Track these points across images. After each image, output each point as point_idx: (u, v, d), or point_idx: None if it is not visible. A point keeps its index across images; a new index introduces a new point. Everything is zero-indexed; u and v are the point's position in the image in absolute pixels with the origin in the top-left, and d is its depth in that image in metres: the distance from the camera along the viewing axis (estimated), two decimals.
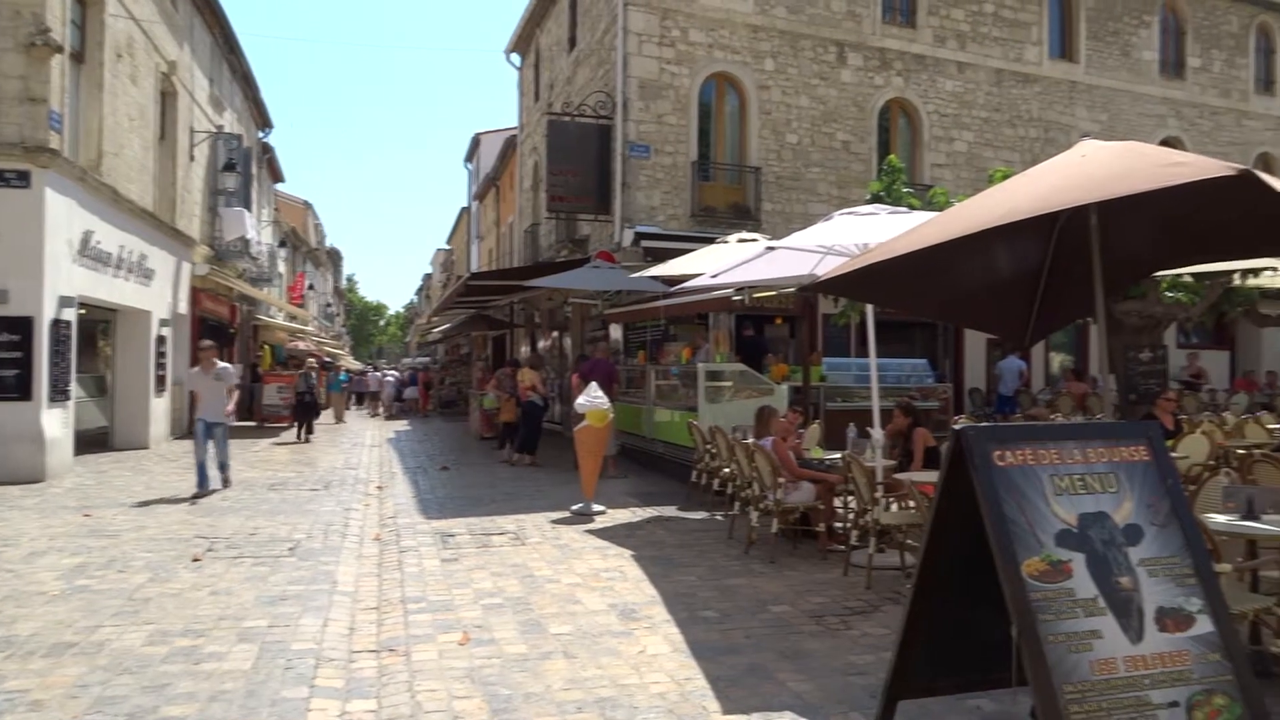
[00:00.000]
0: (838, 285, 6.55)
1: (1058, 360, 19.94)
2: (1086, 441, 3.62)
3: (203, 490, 10.52)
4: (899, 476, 6.95)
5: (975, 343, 18.12)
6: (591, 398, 9.66)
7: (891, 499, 6.97)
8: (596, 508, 9.59)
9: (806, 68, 17.52)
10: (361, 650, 5.25)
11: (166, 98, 17.19)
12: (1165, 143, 20.20)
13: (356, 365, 49.68)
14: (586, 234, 19.02)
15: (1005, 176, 9.69)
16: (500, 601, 6.20)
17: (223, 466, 11.00)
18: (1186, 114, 21.36)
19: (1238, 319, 14.72)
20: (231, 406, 11.02)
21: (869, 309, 7.94)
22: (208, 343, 11.66)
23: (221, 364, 11.11)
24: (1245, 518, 4.84)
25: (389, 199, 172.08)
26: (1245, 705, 3.20)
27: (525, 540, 8.28)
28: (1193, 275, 9.81)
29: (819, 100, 17.64)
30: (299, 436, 18.54)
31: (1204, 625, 3.32)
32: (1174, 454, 8.27)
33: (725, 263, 9.01)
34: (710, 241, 12.60)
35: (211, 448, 10.74)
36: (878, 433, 7.62)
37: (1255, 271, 9.06)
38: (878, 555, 6.68)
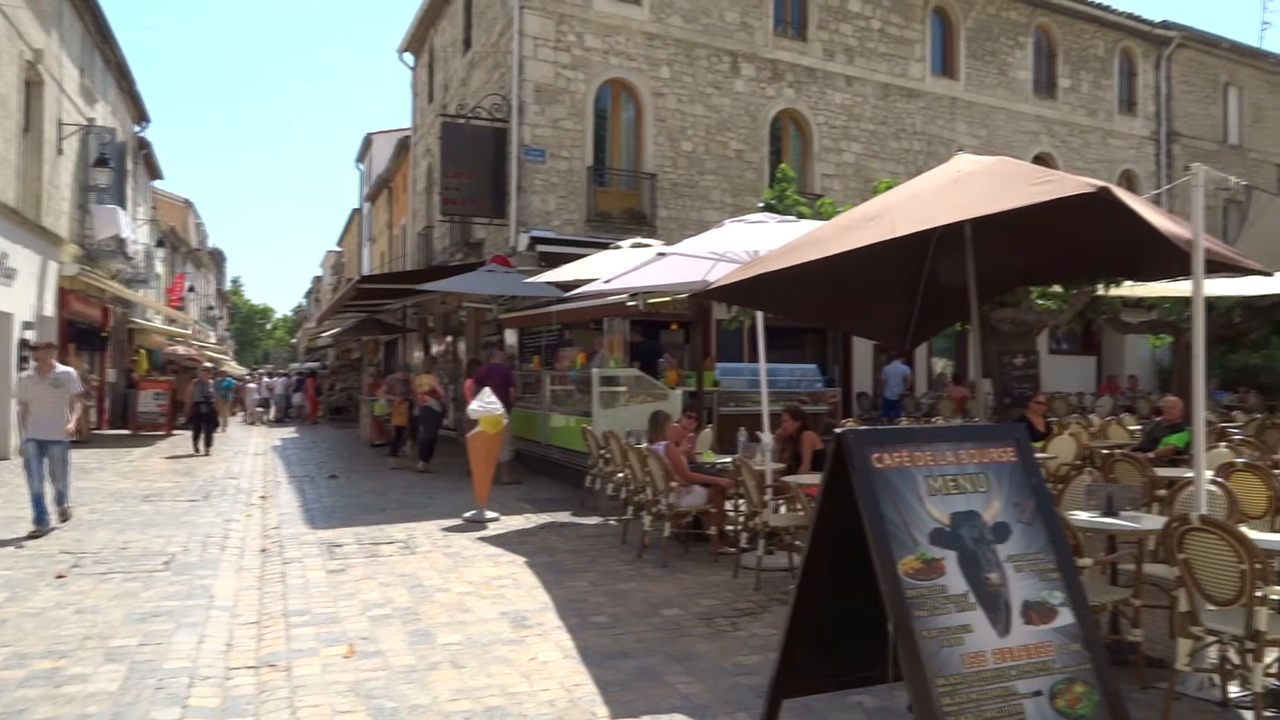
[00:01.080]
0: (728, 293, 6.67)
1: (940, 365, 20.73)
2: (958, 444, 3.77)
3: (41, 528, 8.48)
4: (787, 479, 7.10)
5: (863, 348, 18.67)
6: (485, 403, 9.55)
7: (780, 501, 7.11)
8: (489, 515, 9.49)
9: (701, 76, 17.76)
10: (239, 667, 5.06)
11: (31, 87, 16.22)
12: (1038, 158, 21.29)
13: (240, 370, 47.89)
14: (482, 238, 18.82)
15: (889, 188, 10.03)
16: (388, 612, 6.06)
17: (60, 497, 8.88)
18: (1058, 131, 22.53)
19: (1103, 326, 15.58)
20: (72, 424, 8.77)
21: (759, 315, 8.09)
22: (44, 342, 9.78)
23: (62, 368, 8.93)
24: (1105, 514, 5.12)
25: (277, 199, 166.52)
26: (1102, 692, 3.39)
27: (415, 549, 8.12)
28: (1061, 284, 10.35)
29: (713, 109, 17.91)
30: (196, 449, 17.13)
31: (1066, 617, 3.50)
32: (1044, 454, 8.71)
33: (620, 268, 9.04)
34: (606, 247, 12.63)
35: (48, 471, 8.66)
36: (767, 437, 7.77)
37: (1117, 282, 9.62)
38: (767, 557, 6.81)
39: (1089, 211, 4.94)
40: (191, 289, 39.37)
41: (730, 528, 8.01)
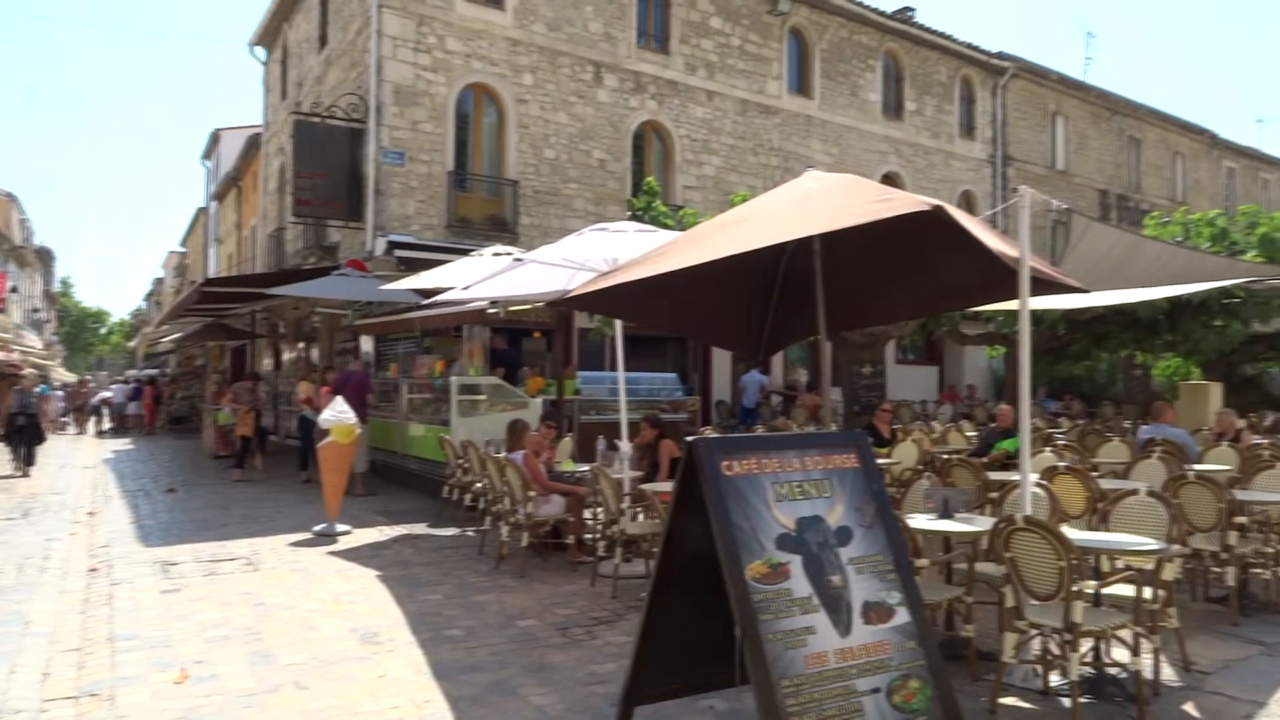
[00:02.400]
0: (584, 302, 6.69)
1: (796, 374, 21.38)
2: (804, 451, 3.89)
3: None
4: (644, 487, 7.15)
5: (722, 357, 19.07)
6: (336, 412, 9.22)
7: (638, 509, 7.16)
8: (341, 528, 9.16)
9: (565, 85, 17.77)
10: (57, 698, 4.68)
11: None
12: (886, 177, 22.32)
13: (70, 377, 44.63)
14: (336, 241, 18.20)
15: (745, 200, 10.30)
16: (226, 633, 5.75)
17: None
18: (905, 152, 23.68)
19: (943, 338, 16.47)
20: None
21: (618, 324, 8.13)
22: None
23: None
24: (941, 517, 5.38)
25: (115, 196, 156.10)
26: (935, 686, 3.55)
27: (260, 565, 7.75)
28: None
29: (577, 118, 17.94)
30: (17, 466, 15.46)
31: (902, 616, 3.65)
32: (889, 460, 9.11)
33: (480, 275, 8.91)
34: (467, 253, 12.44)
35: None
36: (626, 445, 7.82)
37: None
38: (624, 565, 6.84)
39: (930, 236, 5.20)
40: (14, 289, 36.43)
41: (589, 536, 8.00)
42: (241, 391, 14.96)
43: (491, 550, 8.01)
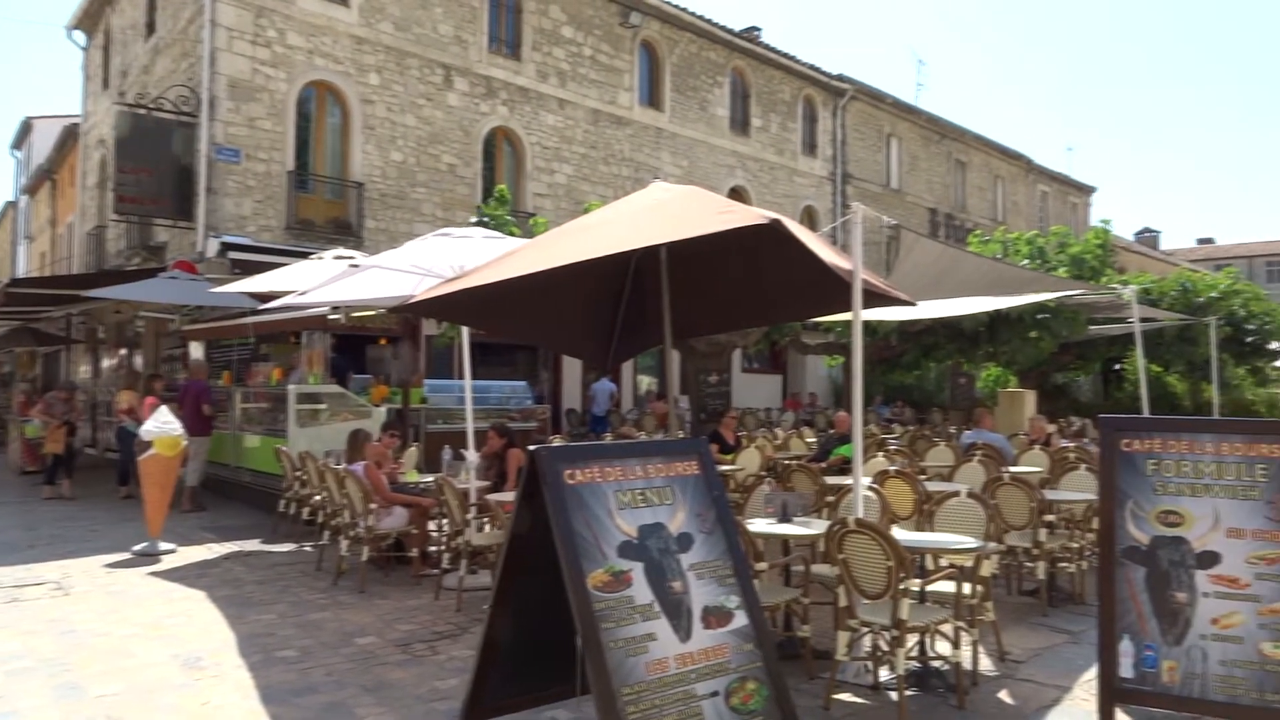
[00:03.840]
0: (433, 308, 6.55)
1: (645, 383, 21.65)
2: (647, 458, 3.92)
3: None
4: (490, 498, 7.05)
5: (573, 366, 19.08)
6: (160, 423, 8.66)
7: (484, 520, 7.05)
8: (164, 546, 8.59)
9: (413, 87, 17.38)
10: None
11: None
12: (733, 191, 22.96)
13: None
14: (164, 241, 17.12)
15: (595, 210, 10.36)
16: (29, 665, 5.28)
17: None
18: (751, 167, 24.42)
19: (786, 347, 17.05)
20: None
21: (465, 331, 8.00)
22: None
23: None
24: (781, 521, 5.55)
25: None
26: (772, 686, 3.65)
27: (71, 590, 7.16)
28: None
29: (425, 121, 17.57)
30: None
31: (740, 620, 3.73)
32: (734, 466, 9.33)
33: (319, 279, 8.57)
34: (307, 256, 11.94)
35: None
36: (472, 454, 7.68)
37: None
38: (470, 577, 6.71)
39: (771, 249, 5.37)
40: None
41: (433, 549, 7.81)
42: (54, 402, 13.80)
43: (330, 566, 7.70)
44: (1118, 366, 21.00)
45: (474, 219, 13.24)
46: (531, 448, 3.67)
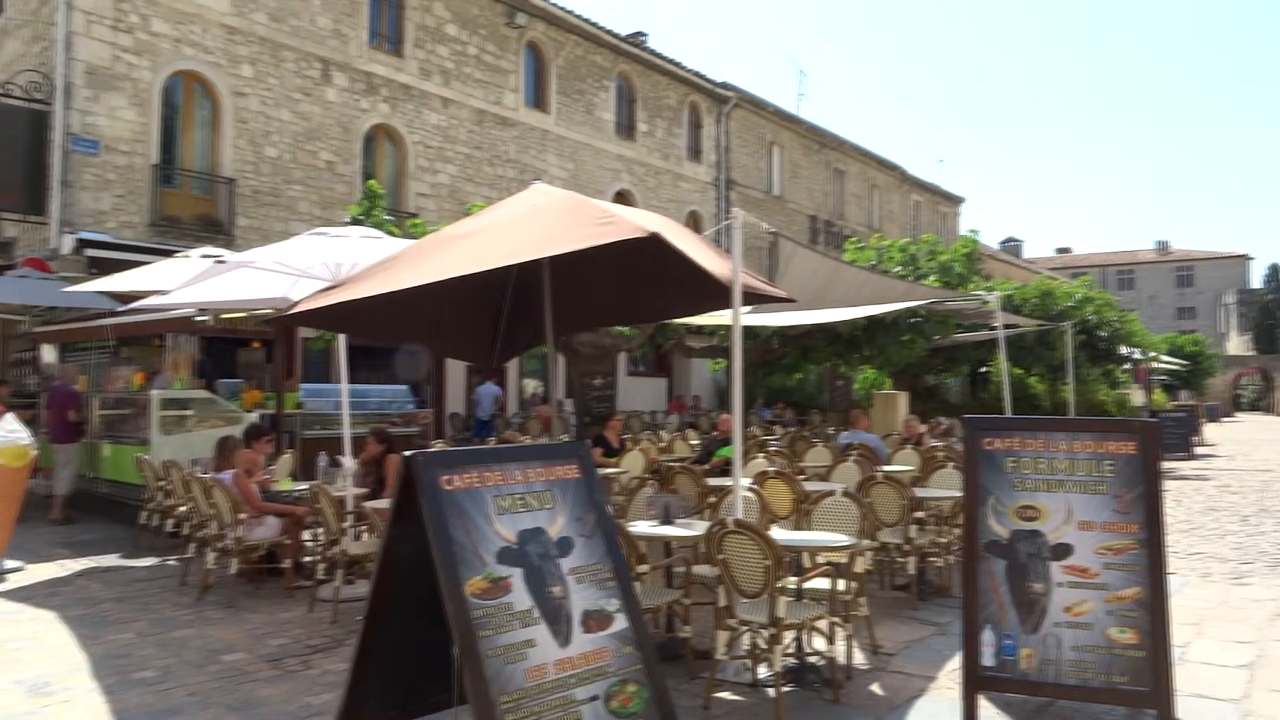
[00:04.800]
0: (310, 319, 6.34)
1: (531, 386, 21.51)
2: (527, 463, 3.88)
3: None
4: (367, 505, 6.86)
5: (456, 369, 18.78)
6: (6, 432, 8.08)
7: (362, 528, 6.85)
8: (10, 565, 8.01)
9: (289, 80, 16.79)
10: None
11: None
12: (619, 194, 23.07)
13: None
14: (13, 236, 16.00)
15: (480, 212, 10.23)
16: None
17: None
18: (636, 171, 24.59)
19: (671, 350, 17.22)
20: None
21: (341, 336, 7.77)
22: None
23: None
24: (663, 522, 5.59)
25: None
26: (651, 688, 3.66)
27: None
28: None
29: (302, 116, 17.01)
30: None
31: (620, 623, 3.73)
32: (618, 469, 9.35)
33: (184, 279, 8.18)
34: (172, 254, 11.38)
35: None
36: (349, 461, 7.46)
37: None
38: (346, 587, 6.51)
39: (653, 252, 5.40)
40: None
41: (307, 559, 7.54)
42: None
43: (195, 580, 7.34)
44: (984, 369, 22.06)
45: (347, 219, 12.88)
46: (407, 453, 3.58)
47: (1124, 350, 21.16)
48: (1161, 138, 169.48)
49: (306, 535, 7.66)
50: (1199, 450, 23.20)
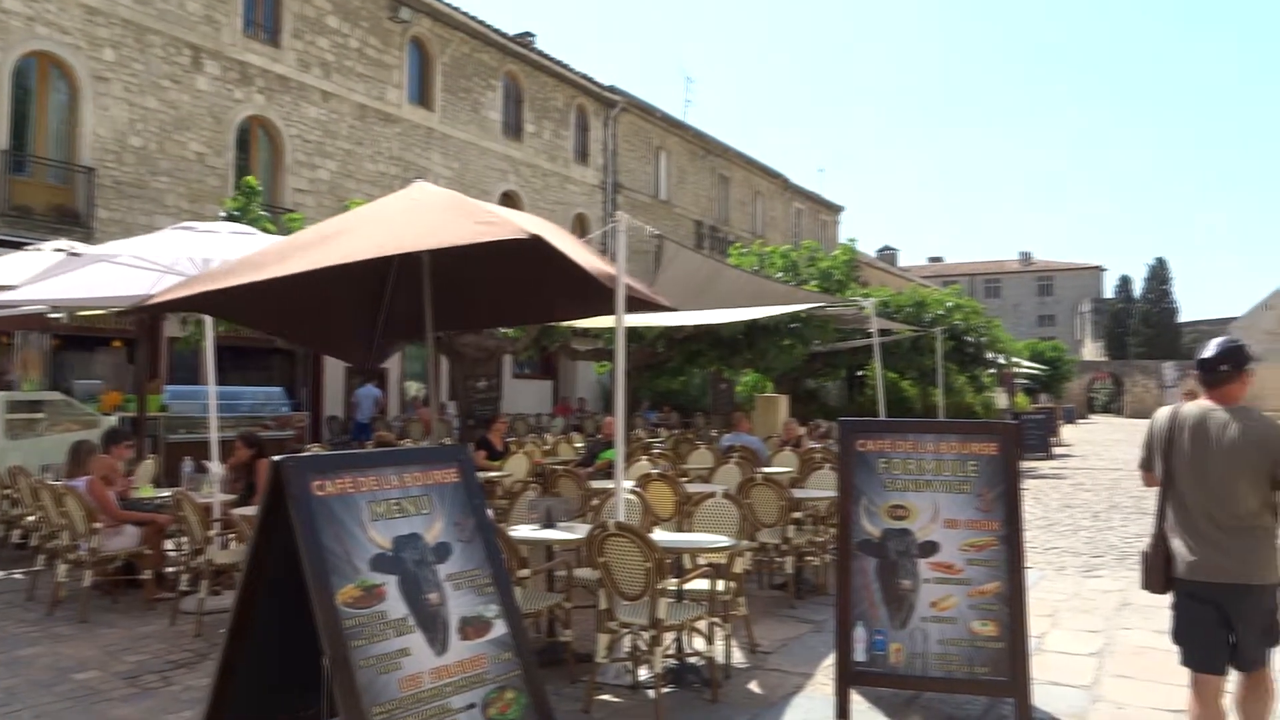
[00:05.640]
0: (174, 306, 6.02)
1: (413, 388, 21.06)
2: (404, 467, 3.78)
3: None
4: (237, 512, 6.57)
5: (334, 371, 18.23)
6: None
7: (229, 536, 6.56)
8: None
9: (156, 67, 15.96)
10: None
11: None
12: (505, 195, 22.86)
13: None
14: None
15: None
16: None
17: None
18: (523, 172, 24.41)
19: (557, 353, 17.16)
20: None
21: (209, 332, 7.43)
22: None
23: None
24: (545, 526, 5.55)
25: None
26: (530, 694, 3.62)
27: None
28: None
29: (170, 104, 16.19)
30: None
31: (499, 629, 3.68)
32: (501, 473, 9.25)
33: (33, 273, 7.66)
34: (22, 247, 10.65)
35: None
36: (216, 466, 7.14)
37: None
38: (213, 598, 6.21)
39: (537, 253, 5.36)
40: None
41: (170, 570, 7.17)
42: None
43: (45, 594, 6.88)
44: (861, 373, 22.81)
45: (221, 214, 12.34)
46: (275, 458, 3.44)
47: (990, 356, 22.24)
48: (1027, 152, 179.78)
49: (169, 544, 7.29)
50: (1057, 450, 24.58)
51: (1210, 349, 3.67)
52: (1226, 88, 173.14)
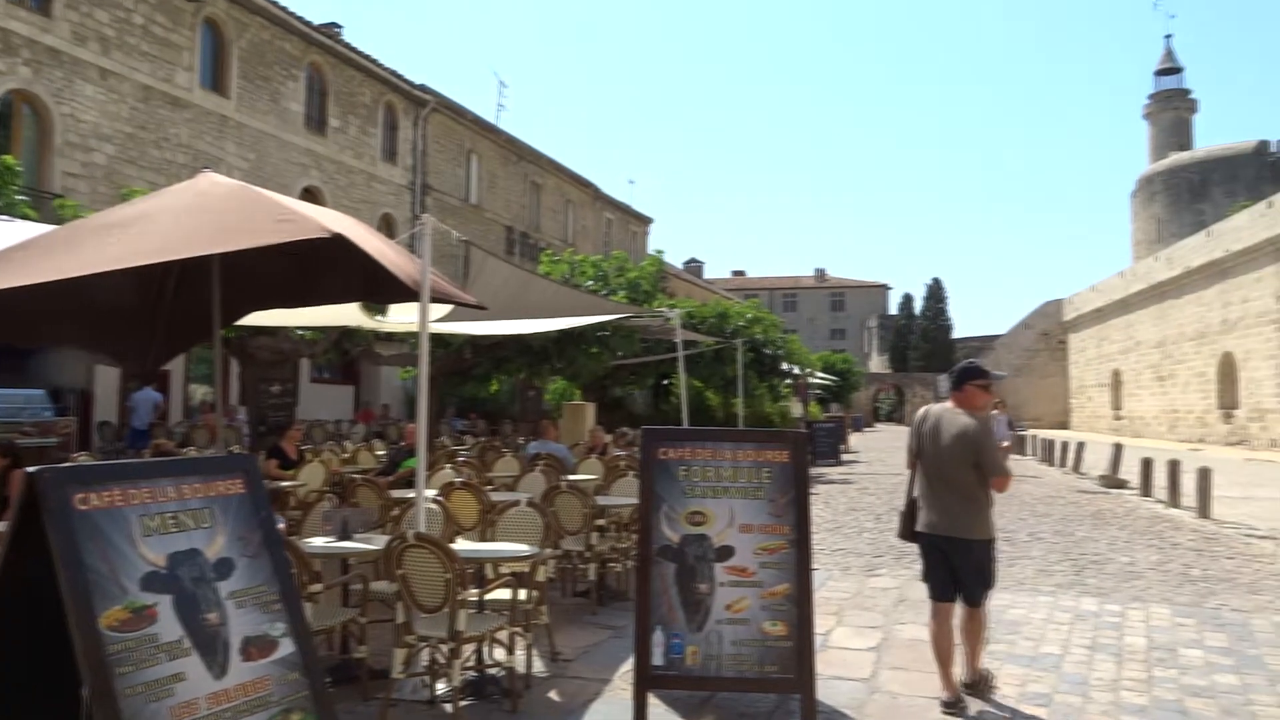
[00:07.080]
0: None
1: (200, 392, 19.71)
2: (182, 478, 3.52)
3: None
4: None
5: (107, 373, 16.75)
6: None
7: None
8: None
9: None
10: None
11: None
12: (307, 191, 21.86)
13: None
14: None
15: (137, 197, 9.18)
16: None
17: None
18: (327, 168, 23.41)
19: (359, 357, 16.54)
20: None
21: None
22: None
23: None
24: (341, 538, 5.33)
25: None
26: (318, 715, 3.46)
27: None
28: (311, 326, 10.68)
29: None
30: None
31: (286, 647, 3.49)
32: (295, 482, 8.82)
33: None
34: None
35: None
36: None
37: (374, 309, 10.27)
38: None
39: (338, 251, 5.14)
40: None
41: None
42: None
43: None
44: (666, 382, 23.39)
45: None
46: (29, 469, 3.13)
47: (787, 367, 23.37)
48: (822, 173, 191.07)
49: None
50: (845, 456, 26.16)
51: (956, 368, 5.03)
52: (996, 126, 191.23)
